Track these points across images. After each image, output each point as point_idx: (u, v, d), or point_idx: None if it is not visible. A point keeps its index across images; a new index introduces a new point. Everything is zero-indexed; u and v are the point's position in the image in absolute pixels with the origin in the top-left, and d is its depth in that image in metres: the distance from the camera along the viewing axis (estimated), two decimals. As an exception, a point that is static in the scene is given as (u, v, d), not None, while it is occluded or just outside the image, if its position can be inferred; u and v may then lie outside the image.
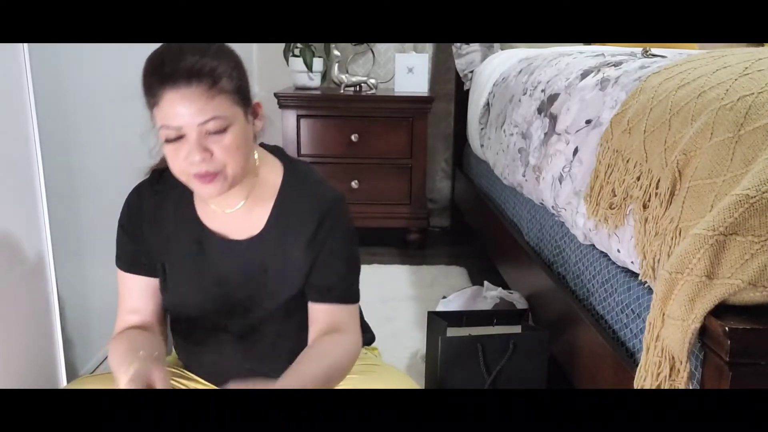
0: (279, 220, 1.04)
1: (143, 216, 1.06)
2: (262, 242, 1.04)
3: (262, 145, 1.08)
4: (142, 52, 1.88)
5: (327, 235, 1.03)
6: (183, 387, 1.10)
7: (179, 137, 0.91)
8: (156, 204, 1.06)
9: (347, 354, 1.01)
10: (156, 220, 1.06)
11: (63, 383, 1.41)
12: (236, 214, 1.04)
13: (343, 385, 1.04)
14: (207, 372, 1.12)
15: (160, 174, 1.07)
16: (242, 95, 0.95)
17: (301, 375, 0.93)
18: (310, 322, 1.04)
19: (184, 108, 0.89)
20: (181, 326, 1.10)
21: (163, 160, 1.08)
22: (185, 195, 1.05)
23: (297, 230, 1.03)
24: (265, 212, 1.04)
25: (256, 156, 1.04)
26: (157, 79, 0.90)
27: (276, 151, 1.09)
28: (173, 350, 1.21)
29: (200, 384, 1.12)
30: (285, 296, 1.04)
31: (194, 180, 0.94)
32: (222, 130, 0.91)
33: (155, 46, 0.96)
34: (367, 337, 1.23)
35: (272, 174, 1.06)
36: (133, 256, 1.07)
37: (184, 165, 0.93)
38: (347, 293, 1.05)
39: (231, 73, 0.92)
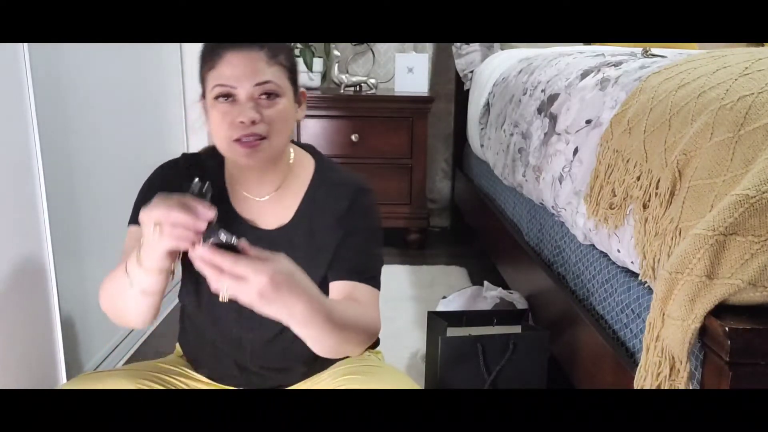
0: (309, 209, 1.05)
1: (178, 188, 1.05)
2: (291, 231, 1.04)
3: (293, 142, 1.10)
4: (142, 52, 1.88)
5: (355, 219, 1.04)
6: (185, 386, 1.10)
7: (231, 97, 0.94)
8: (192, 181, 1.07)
9: (367, 320, 0.99)
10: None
11: (63, 383, 1.41)
12: (267, 202, 1.05)
13: (343, 385, 1.04)
14: (211, 367, 1.12)
15: (192, 156, 1.10)
16: (294, 77, 1.00)
17: (326, 304, 0.89)
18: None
19: (243, 68, 0.93)
20: (195, 312, 1.09)
21: (195, 151, 1.11)
22: (218, 179, 1.07)
23: (326, 215, 1.04)
24: (295, 202, 1.05)
25: (291, 151, 1.07)
26: (220, 44, 0.94)
27: (308, 147, 1.12)
28: (176, 345, 1.21)
29: (202, 383, 1.12)
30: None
31: (237, 146, 0.95)
32: (274, 96, 0.95)
33: (156, 46, 0.96)
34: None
35: (304, 167, 1.08)
36: None
37: (230, 130, 0.95)
38: (370, 277, 1.04)
39: (287, 53, 0.99)
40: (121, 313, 0.98)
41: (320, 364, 1.10)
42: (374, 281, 1.05)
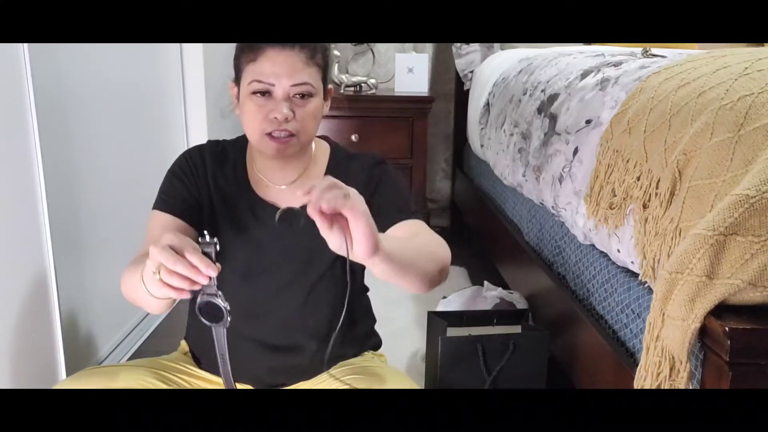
0: None
1: (204, 172, 1.09)
2: None
3: None
4: (142, 52, 1.88)
5: (378, 180, 1.08)
6: (187, 384, 1.10)
7: (266, 93, 0.97)
8: (217, 166, 1.10)
9: (438, 240, 1.01)
10: (215, 182, 1.09)
11: (66, 377, 1.42)
12: (288, 189, 1.09)
13: (343, 385, 1.04)
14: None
15: (217, 143, 1.13)
16: (326, 75, 1.03)
17: (393, 237, 0.92)
18: None
19: (283, 67, 0.96)
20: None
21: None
22: (239, 166, 1.11)
23: (349, 184, 1.06)
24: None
25: (312, 143, 1.11)
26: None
27: (323, 137, 1.17)
28: (181, 343, 1.21)
29: (205, 381, 1.13)
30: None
31: (268, 140, 0.99)
32: (308, 96, 0.99)
33: (156, 46, 0.96)
34: (374, 341, 1.24)
35: (321, 154, 1.13)
36: (177, 200, 1.07)
37: (263, 123, 0.98)
38: (412, 212, 1.06)
39: (324, 53, 1.02)
40: (139, 304, 0.98)
41: (333, 344, 1.10)
42: (419, 215, 1.08)
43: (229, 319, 0.85)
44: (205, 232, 0.81)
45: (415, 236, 1.02)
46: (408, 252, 0.90)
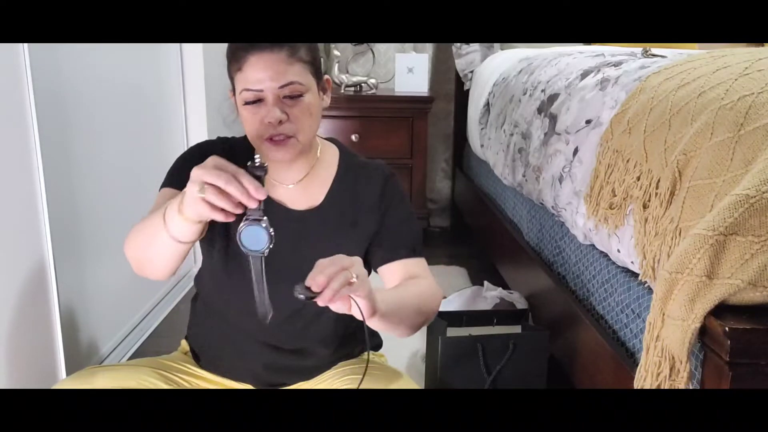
0: (339, 194, 1.09)
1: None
2: (323, 212, 1.08)
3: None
4: (142, 52, 1.88)
5: (390, 201, 1.10)
6: (188, 384, 1.10)
7: (258, 100, 0.97)
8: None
9: (430, 290, 1.05)
10: None
11: (67, 376, 1.42)
12: (295, 189, 1.09)
13: (345, 386, 1.04)
14: (223, 358, 1.12)
15: (227, 140, 1.13)
16: (316, 68, 1.02)
17: (390, 294, 0.96)
18: (385, 284, 1.08)
19: (266, 72, 0.96)
20: (214, 294, 1.11)
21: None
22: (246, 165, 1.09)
23: (358, 197, 1.09)
24: (324, 188, 1.09)
25: (318, 142, 1.11)
26: (243, 46, 0.97)
27: (331, 139, 1.17)
28: (182, 342, 1.21)
29: (205, 380, 1.13)
30: None
31: (267, 144, 0.99)
32: (298, 95, 0.98)
33: (156, 46, 0.96)
34: (374, 342, 1.24)
35: (329, 155, 1.12)
36: (186, 180, 1.05)
37: (260, 128, 0.99)
38: (416, 249, 1.09)
39: (309, 46, 1.01)
40: (148, 260, 0.96)
41: (339, 345, 1.12)
42: (420, 251, 1.10)
43: (269, 247, 0.82)
44: (256, 155, 0.81)
45: (412, 280, 1.05)
46: (402, 311, 0.96)
